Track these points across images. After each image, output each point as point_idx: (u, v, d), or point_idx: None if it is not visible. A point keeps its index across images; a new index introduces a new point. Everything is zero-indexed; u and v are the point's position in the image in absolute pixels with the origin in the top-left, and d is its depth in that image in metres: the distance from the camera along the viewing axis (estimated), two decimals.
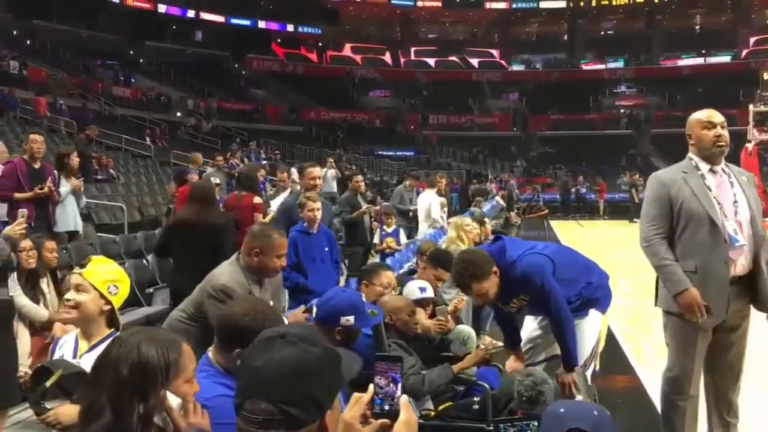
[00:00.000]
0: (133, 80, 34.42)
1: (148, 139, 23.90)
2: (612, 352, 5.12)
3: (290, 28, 46.08)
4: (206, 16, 42.50)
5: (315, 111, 40.01)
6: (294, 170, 9.31)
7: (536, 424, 1.91)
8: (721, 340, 3.43)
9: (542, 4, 47.28)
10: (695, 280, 3.27)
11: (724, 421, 3.52)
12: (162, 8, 40.81)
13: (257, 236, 3.56)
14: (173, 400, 1.70)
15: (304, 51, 46.98)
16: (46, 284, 4.51)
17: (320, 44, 47.53)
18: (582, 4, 46.46)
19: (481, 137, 38.98)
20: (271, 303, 3.38)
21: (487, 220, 9.63)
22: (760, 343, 3.65)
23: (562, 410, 1.90)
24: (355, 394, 1.40)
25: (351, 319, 2.65)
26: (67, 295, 2.49)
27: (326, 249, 5.21)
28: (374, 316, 2.76)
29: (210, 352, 2.25)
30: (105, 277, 2.48)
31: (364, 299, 2.94)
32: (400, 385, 1.51)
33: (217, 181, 10.96)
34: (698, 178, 3.37)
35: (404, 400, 1.50)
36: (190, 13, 41.90)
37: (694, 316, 3.26)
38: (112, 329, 2.51)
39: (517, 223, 17.65)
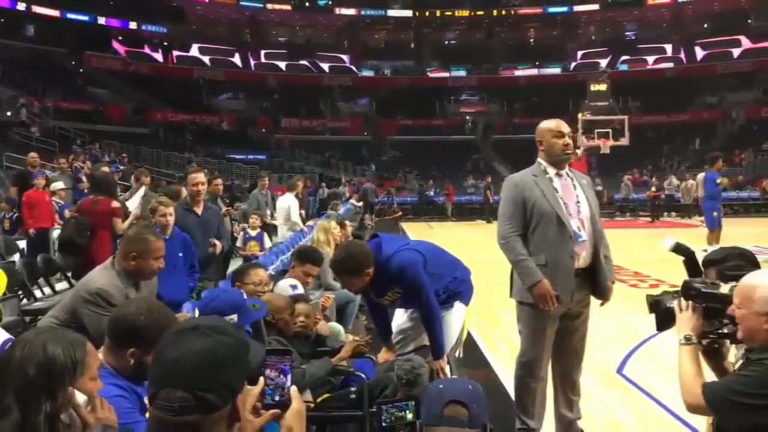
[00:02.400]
0: None
1: None
2: (466, 342, 5.51)
3: (133, 25, 44.03)
4: (39, 9, 39.52)
5: (162, 112, 38.47)
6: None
7: (414, 404, 2.12)
8: (566, 327, 3.84)
9: (390, 13, 48.59)
10: (546, 273, 3.65)
11: (568, 399, 3.94)
12: None
13: (133, 240, 3.60)
14: (79, 398, 1.74)
15: (148, 50, 45.10)
16: None
17: (165, 44, 45.84)
18: (427, 14, 48.29)
19: (333, 141, 39.37)
20: None
21: (347, 222, 9.95)
22: (595, 329, 4.13)
23: (441, 386, 2.12)
24: (246, 387, 1.50)
25: (234, 317, 2.74)
26: None
27: (180, 255, 5.13)
28: (257, 310, 2.87)
29: (100, 354, 2.26)
30: None
31: (245, 296, 3.04)
32: (289, 377, 1.65)
33: (62, 185, 10.47)
34: (547, 181, 3.77)
35: (294, 390, 1.64)
36: (21, 6, 38.79)
37: (546, 305, 3.65)
38: None
39: (370, 225, 18.11)
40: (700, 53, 45.15)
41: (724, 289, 2.28)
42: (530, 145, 3.92)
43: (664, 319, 2.48)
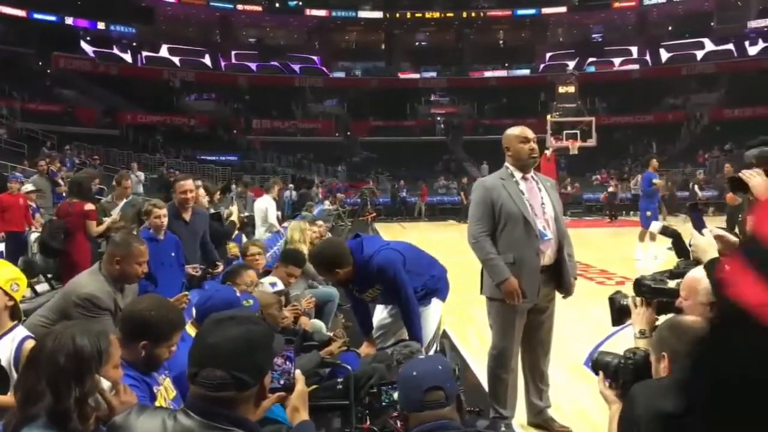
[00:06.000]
0: None
1: None
2: (441, 336, 5.77)
3: (101, 26, 43.59)
4: (5, 9, 38.93)
5: (132, 114, 38.19)
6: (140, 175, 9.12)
7: None
8: (534, 321, 4.12)
9: (360, 14, 48.78)
10: (513, 270, 3.91)
11: (537, 388, 4.22)
12: None
13: (118, 244, 3.73)
14: (104, 384, 1.95)
15: (117, 51, 44.69)
16: None
17: (135, 44, 45.47)
18: (398, 15, 48.59)
19: (305, 142, 39.47)
20: None
21: (321, 221, 10.20)
22: (565, 325, 4.41)
23: (415, 374, 2.25)
24: None
25: None
26: None
27: (173, 254, 5.35)
28: (250, 306, 3.08)
29: None
30: (6, 276, 2.73)
31: (237, 293, 3.25)
32: (294, 363, 1.90)
33: (31, 187, 10.47)
34: (514, 184, 4.04)
35: (298, 374, 1.90)
36: None
37: (513, 301, 3.91)
38: (15, 321, 2.76)
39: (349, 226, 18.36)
40: (665, 55, 46.16)
41: (672, 284, 2.56)
42: (501, 145, 4.16)
43: (618, 315, 2.76)
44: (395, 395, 2.30)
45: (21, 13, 39.56)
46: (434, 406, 2.17)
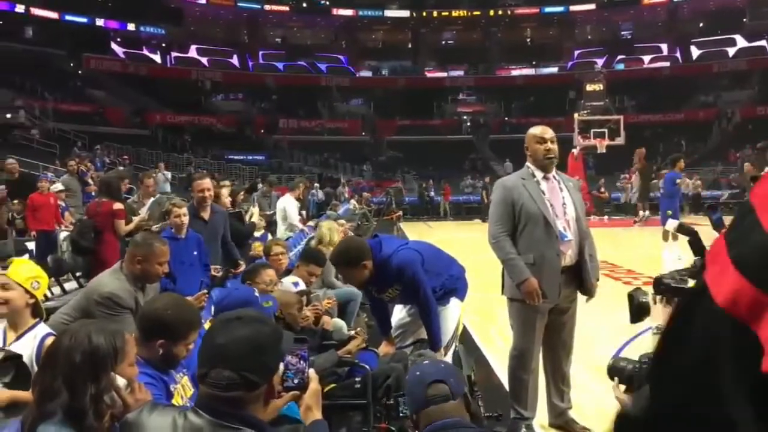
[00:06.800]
0: None
1: None
2: (463, 337, 5.74)
3: (131, 27, 44.24)
4: (38, 11, 39.74)
5: (161, 114, 38.71)
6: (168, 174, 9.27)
7: None
8: (555, 321, 4.08)
9: (387, 13, 48.84)
10: (534, 270, 3.88)
11: (559, 389, 4.19)
12: None
13: (139, 244, 3.77)
14: (119, 382, 1.97)
15: (146, 51, 45.29)
16: None
17: (164, 45, 46.04)
18: (424, 14, 48.54)
19: (331, 142, 39.57)
20: None
21: (344, 221, 10.26)
22: (589, 325, 4.36)
23: (417, 373, 2.30)
24: None
25: None
26: None
27: (195, 253, 5.39)
28: (268, 307, 3.10)
29: None
30: (27, 274, 2.79)
31: (257, 293, 3.27)
32: (308, 362, 1.91)
33: (60, 187, 10.66)
34: (534, 184, 4.01)
35: (312, 373, 1.90)
36: (20, 8, 38.98)
37: (533, 301, 3.88)
38: (37, 319, 2.81)
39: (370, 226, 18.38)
40: (695, 52, 45.47)
41: (691, 283, 2.52)
42: None
43: (637, 312, 2.73)
44: None
45: (53, 15, 40.32)
46: (438, 400, 2.16)
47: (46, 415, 1.83)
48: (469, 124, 42.86)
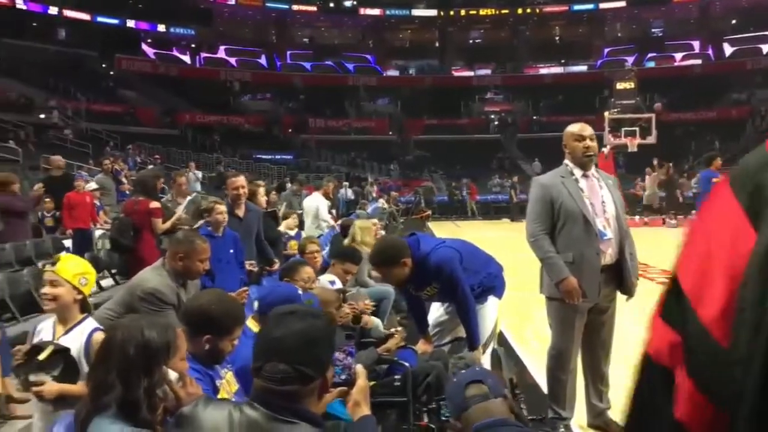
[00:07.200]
0: None
1: (12, 142, 22.59)
2: (498, 338, 5.70)
3: (161, 28, 44.76)
4: (70, 13, 40.40)
5: (190, 114, 39.13)
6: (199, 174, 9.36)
7: None
8: (594, 321, 4.03)
9: (414, 12, 48.76)
10: (573, 269, 3.84)
11: (597, 389, 4.14)
12: (21, 4, 38.38)
13: (181, 242, 3.82)
14: (171, 376, 2.00)
15: (176, 52, 45.81)
16: None
17: (193, 46, 46.52)
18: (452, 13, 48.37)
19: (358, 141, 39.63)
20: None
21: (375, 220, 10.26)
22: (623, 323, 4.30)
23: (455, 379, 2.31)
24: None
25: None
26: (44, 290, 2.83)
27: (231, 251, 5.44)
28: (310, 305, 3.11)
29: None
30: (75, 270, 2.83)
31: (300, 291, 3.28)
32: (355, 357, 1.91)
33: (95, 186, 10.82)
34: (573, 182, 3.96)
35: (359, 368, 1.90)
36: (53, 10, 39.63)
37: (573, 300, 3.84)
38: (85, 314, 2.86)
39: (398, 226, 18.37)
40: (728, 49, 44.71)
41: None
42: (556, 143, 4.10)
43: None
44: None
45: (85, 16, 40.95)
46: (478, 399, 2.13)
47: (100, 409, 1.85)
48: (496, 123, 42.62)
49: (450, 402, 2.24)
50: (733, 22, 45.83)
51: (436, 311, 4.27)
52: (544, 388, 4.25)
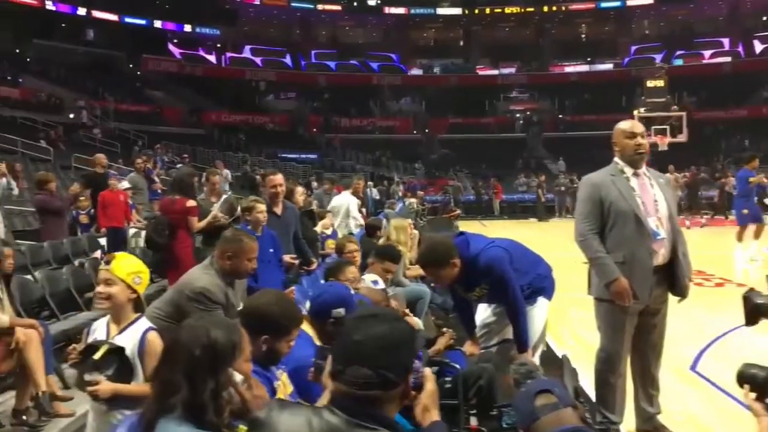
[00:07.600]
0: (20, 80, 32.75)
1: (43, 141, 22.92)
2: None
3: (187, 28, 45.14)
4: (98, 14, 40.88)
5: (216, 113, 39.39)
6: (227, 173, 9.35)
7: None
8: (645, 323, 3.93)
9: (439, 11, 48.60)
10: (623, 270, 3.74)
11: (647, 393, 4.04)
12: (50, 5, 38.92)
13: (229, 241, 3.79)
14: (236, 377, 1.95)
15: (202, 52, 46.17)
16: (1, 290, 4.51)
17: (219, 45, 46.84)
18: (476, 11, 48.12)
19: (383, 140, 39.60)
20: (241, 302, 3.64)
21: (410, 220, 10.19)
22: (674, 326, 4.20)
23: (523, 390, 2.25)
24: None
25: (342, 311, 2.92)
26: (98, 289, 2.81)
27: (270, 250, 5.41)
28: (363, 306, 3.06)
29: None
30: (129, 269, 2.81)
31: (351, 291, 3.23)
32: (422, 361, 1.84)
33: (127, 185, 10.88)
34: (624, 181, 3.87)
35: (428, 372, 1.84)
36: (81, 11, 40.12)
37: (623, 302, 3.74)
38: (138, 313, 2.85)
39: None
40: (759, 47, 43.93)
41: None
42: (581, 142, 4.01)
43: (753, 314, 2.59)
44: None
45: (113, 17, 41.43)
46: (548, 409, 2.08)
47: (166, 410, 1.81)
48: (521, 122, 42.33)
49: (518, 412, 2.19)
50: (764, 18, 45.04)
51: (483, 312, 4.20)
52: (587, 390, 4.15)
